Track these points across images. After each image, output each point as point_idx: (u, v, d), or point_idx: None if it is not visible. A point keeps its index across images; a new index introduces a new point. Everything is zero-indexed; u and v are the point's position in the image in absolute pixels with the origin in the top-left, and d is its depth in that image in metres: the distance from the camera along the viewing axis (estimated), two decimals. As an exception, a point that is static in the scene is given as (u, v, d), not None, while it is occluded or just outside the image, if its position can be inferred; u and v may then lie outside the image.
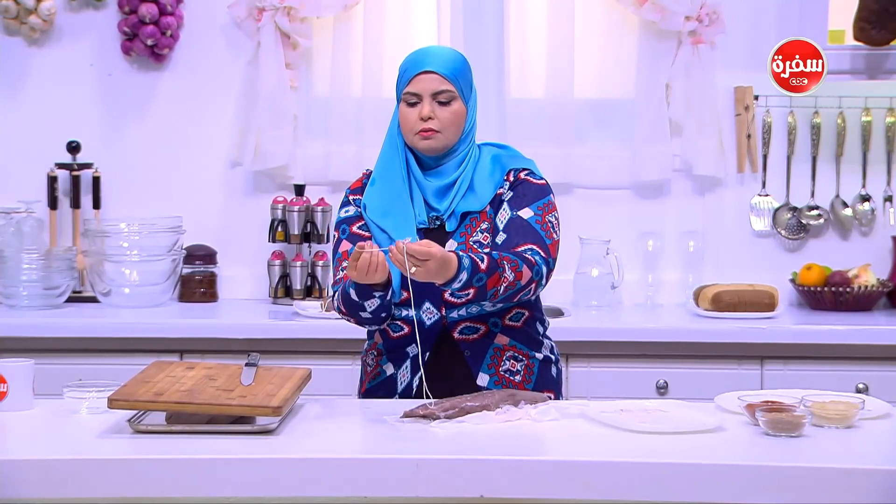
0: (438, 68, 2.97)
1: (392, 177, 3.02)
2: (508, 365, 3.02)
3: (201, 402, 2.64)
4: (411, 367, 3.03)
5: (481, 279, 2.81)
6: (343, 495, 2.46)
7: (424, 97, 2.97)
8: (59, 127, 4.61)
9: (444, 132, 2.97)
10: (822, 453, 2.53)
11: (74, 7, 4.62)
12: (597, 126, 4.64)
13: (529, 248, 2.92)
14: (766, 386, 4.01)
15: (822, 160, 4.62)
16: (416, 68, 2.98)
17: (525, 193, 3.00)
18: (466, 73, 3.02)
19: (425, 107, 2.96)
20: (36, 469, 2.46)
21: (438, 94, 2.96)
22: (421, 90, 2.97)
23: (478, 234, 2.99)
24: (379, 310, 2.95)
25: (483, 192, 3.02)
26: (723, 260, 4.61)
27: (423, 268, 2.74)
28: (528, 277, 2.87)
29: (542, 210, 2.98)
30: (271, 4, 4.51)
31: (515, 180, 3.02)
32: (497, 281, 2.83)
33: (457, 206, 3.00)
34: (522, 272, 2.86)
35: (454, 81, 2.97)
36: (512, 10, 4.56)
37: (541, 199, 3.00)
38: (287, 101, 4.54)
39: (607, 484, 2.44)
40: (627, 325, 4.23)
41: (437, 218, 3.01)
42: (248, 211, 4.65)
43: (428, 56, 3.00)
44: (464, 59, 3.04)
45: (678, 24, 4.49)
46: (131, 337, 4.10)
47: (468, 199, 3.01)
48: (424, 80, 2.97)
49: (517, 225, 2.96)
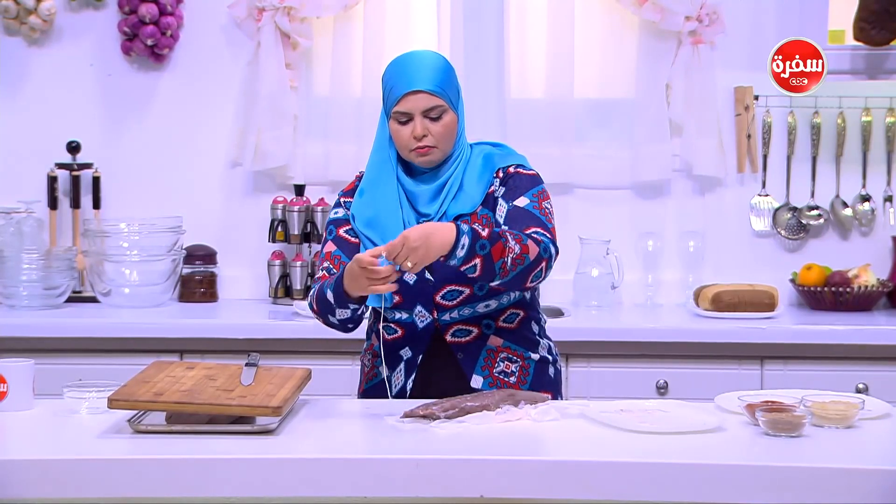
0: (426, 86, 2.91)
1: (381, 189, 3.00)
2: (503, 366, 3.01)
3: (201, 402, 2.64)
4: (405, 369, 3.03)
5: (484, 246, 2.75)
6: (343, 495, 2.46)
7: (415, 115, 2.92)
8: (59, 127, 4.61)
9: (440, 145, 2.95)
10: (822, 453, 2.53)
11: (74, 7, 4.62)
12: (597, 126, 4.64)
13: (534, 231, 2.89)
14: (766, 386, 4.01)
15: (822, 160, 4.62)
16: (403, 87, 2.92)
17: (517, 185, 2.98)
18: (452, 79, 2.97)
19: (418, 126, 2.92)
20: (36, 469, 2.46)
21: (429, 110, 2.93)
22: (411, 109, 2.92)
23: None
24: (346, 321, 2.94)
25: (474, 193, 3.00)
26: (723, 260, 4.61)
27: (410, 256, 2.70)
28: (535, 253, 2.81)
29: (537, 197, 2.96)
30: (271, 4, 4.51)
31: (506, 175, 3.00)
32: (502, 251, 2.76)
33: (448, 209, 2.98)
34: (528, 245, 2.80)
35: (443, 95, 2.93)
36: (512, 10, 4.56)
37: (535, 188, 2.98)
38: (287, 101, 4.54)
39: (607, 484, 2.44)
40: (627, 325, 4.23)
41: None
42: (248, 211, 4.66)
43: (413, 72, 2.93)
44: (446, 64, 2.98)
45: (678, 24, 4.50)
46: (131, 337, 4.10)
47: (459, 201, 2.99)
48: (413, 100, 2.92)
49: (516, 213, 2.93)
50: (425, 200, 2.99)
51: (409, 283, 2.96)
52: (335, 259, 3.01)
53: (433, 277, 2.95)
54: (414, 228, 2.74)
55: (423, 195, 2.99)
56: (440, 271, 2.93)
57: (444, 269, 2.90)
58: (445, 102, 2.93)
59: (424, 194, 2.99)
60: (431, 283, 2.96)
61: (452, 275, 2.92)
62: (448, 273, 2.93)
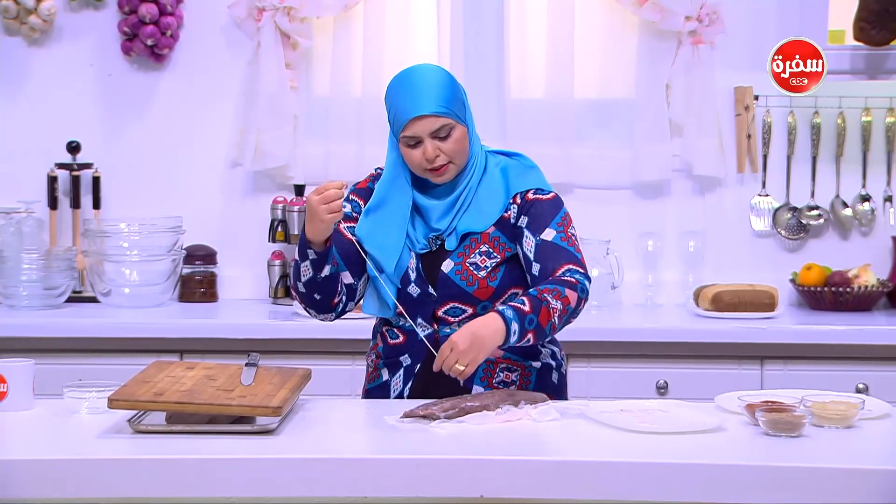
0: (430, 109, 2.87)
1: (391, 211, 2.97)
2: (502, 376, 2.99)
3: (201, 402, 2.64)
4: (404, 375, 3.02)
5: (532, 321, 2.78)
6: (343, 495, 2.46)
7: (424, 138, 2.89)
8: (59, 127, 4.61)
9: (454, 161, 2.92)
10: (822, 453, 2.53)
11: (74, 7, 4.62)
12: (597, 126, 4.64)
13: (567, 269, 2.88)
14: (766, 386, 4.01)
15: (822, 160, 4.62)
16: (407, 114, 2.88)
17: (541, 213, 2.94)
18: (456, 92, 2.93)
19: (428, 148, 2.89)
20: (36, 469, 2.46)
21: (437, 131, 2.89)
22: (418, 133, 2.88)
23: (476, 255, 2.94)
24: (313, 283, 2.91)
25: (488, 212, 2.96)
26: (723, 260, 4.61)
27: (460, 359, 2.73)
28: (575, 299, 2.85)
29: (562, 226, 2.94)
30: (271, 4, 4.51)
31: (524, 202, 2.96)
32: (548, 315, 2.80)
33: (458, 224, 2.96)
34: (567, 296, 2.83)
35: (448, 113, 2.89)
36: (512, 10, 4.56)
37: (558, 214, 2.95)
38: (287, 101, 4.54)
39: (607, 484, 2.44)
40: (627, 325, 4.23)
41: (438, 237, 2.97)
42: (248, 211, 4.65)
43: (415, 95, 2.89)
44: (448, 79, 2.94)
45: (678, 24, 4.50)
46: (131, 337, 4.10)
47: (471, 217, 2.96)
48: (419, 125, 2.88)
49: (546, 249, 2.91)
50: (438, 215, 2.96)
51: (413, 296, 2.96)
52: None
53: (436, 293, 2.95)
54: (459, 333, 2.75)
55: (435, 210, 2.96)
56: (443, 288, 2.93)
57: (448, 285, 2.91)
58: (452, 119, 2.90)
59: (437, 209, 2.96)
60: (434, 297, 2.96)
61: (456, 293, 2.93)
62: (452, 291, 2.93)
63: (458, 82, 2.97)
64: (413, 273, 2.95)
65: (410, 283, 2.95)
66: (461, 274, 2.93)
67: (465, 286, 2.93)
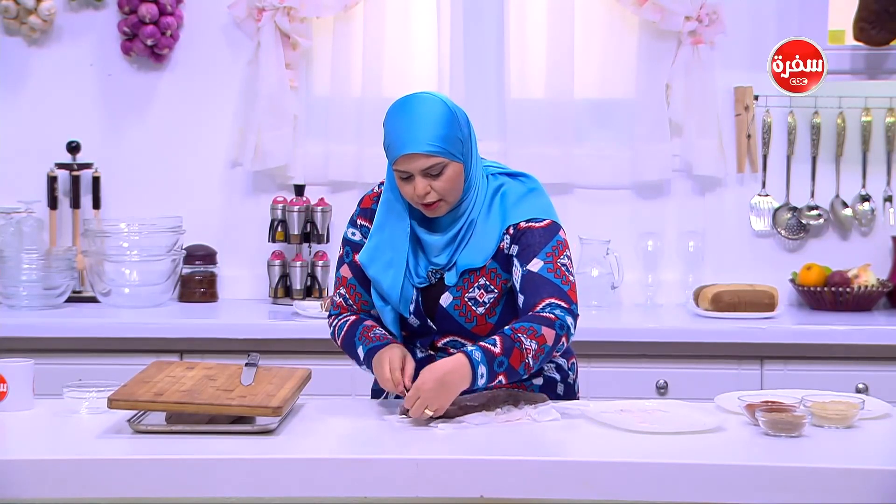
0: (422, 148, 2.78)
1: (391, 238, 2.92)
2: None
3: (201, 402, 2.64)
4: None
5: (503, 363, 2.72)
6: (343, 495, 2.46)
7: (415, 175, 2.82)
8: (59, 127, 4.61)
9: (446, 198, 2.84)
10: (822, 453, 2.53)
11: (74, 7, 4.62)
12: (597, 126, 4.64)
13: (548, 304, 2.80)
14: (766, 386, 4.01)
15: (821, 160, 4.62)
16: (398, 149, 2.80)
17: (530, 243, 2.86)
18: (453, 129, 2.82)
19: (418, 185, 2.81)
20: (36, 469, 2.46)
21: (428, 169, 2.81)
22: (410, 169, 2.81)
23: (474, 290, 2.88)
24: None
25: (485, 245, 2.89)
26: (723, 260, 4.61)
27: (430, 402, 2.69)
28: (552, 337, 2.76)
29: (551, 256, 2.85)
30: (271, 4, 4.51)
31: (516, 232, 2.88)
32: (521, 356, 2.73)
33: (458, 259, 2.89)
34: (543, 335, 2.75)
35: (440, 152, 2.79)
36: (512, 10, 4.56)
37: (548, 244, 2.86)
38: (287, 101, 4.54)
39: (607, 484, 2.44)
40: (627, 325, 4.23)
41: (437, 271, 2.92)
42: (248, 211, 4.65)
43: (409, 132, 2.79)
44: (447, 114, 2.82)
45: (678, 24, 4.49)
46: (131, 337, 4.10)
47: (471, 252, 2.89)
48: (410, 162, 2.80)
49: (531, 281, 2.83)
50: (437, 250, 2.91)
51: (413, 327, 2.94)
52: (351, 288, 2.98)
53: (435, 326, 2.92)
54: (425, 377, 2.70)
55: (435, 245, 2.91)
56: (442, 321, 2.90)
57: (446, 319, 2.89)
58: (445, 158, 2.81)
59: (437, 244, 2.90)
60: (434, 330, 2.93)
61: (455, 328, 2.90)
62: (451, 326, 2.90)
63: (459, 115, 2.85)
64: (412, 305, 2.92)
65: (410, 315, 2.93)
66: (460, 309, 2.88)
67: (463, 322, 2.89)
